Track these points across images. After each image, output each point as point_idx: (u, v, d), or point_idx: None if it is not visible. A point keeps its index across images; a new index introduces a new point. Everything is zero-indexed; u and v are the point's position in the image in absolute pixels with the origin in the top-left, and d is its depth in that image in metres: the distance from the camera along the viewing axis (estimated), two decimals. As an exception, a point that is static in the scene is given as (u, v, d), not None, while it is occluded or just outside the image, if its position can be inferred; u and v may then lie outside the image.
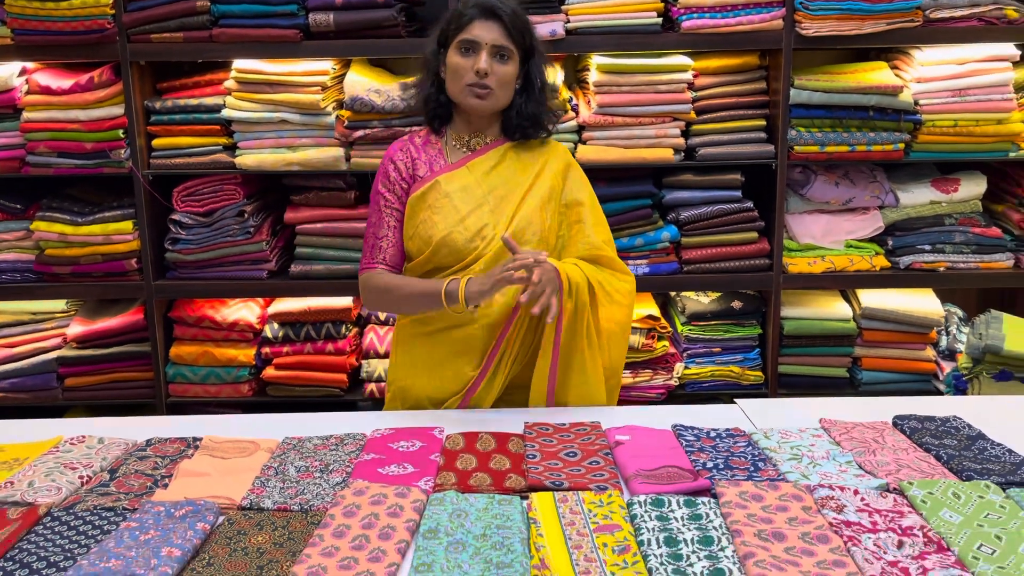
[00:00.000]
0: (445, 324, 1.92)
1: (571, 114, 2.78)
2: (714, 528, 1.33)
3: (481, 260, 1.89)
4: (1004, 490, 1.43)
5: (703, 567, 1.22)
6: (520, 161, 1.96)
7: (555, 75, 2.06)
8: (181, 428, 1.78)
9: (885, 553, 1.26)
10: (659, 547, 1.27)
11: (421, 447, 1.65)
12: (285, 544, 1.31)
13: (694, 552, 1.26)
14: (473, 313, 1.87)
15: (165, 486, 1.53)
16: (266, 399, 2.99)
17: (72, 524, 1.39)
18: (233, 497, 1.47)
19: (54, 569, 1.26)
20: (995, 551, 1.25)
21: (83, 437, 1.72)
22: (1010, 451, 1.60)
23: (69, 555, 1.29)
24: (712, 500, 1.41)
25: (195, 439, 1.71)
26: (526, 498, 1.45)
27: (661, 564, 1.23)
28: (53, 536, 1.35)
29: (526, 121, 1.93)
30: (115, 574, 1.20)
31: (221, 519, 1.39)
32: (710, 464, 1.55)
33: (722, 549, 1.27)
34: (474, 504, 1.41)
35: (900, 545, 1.28)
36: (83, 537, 1.35)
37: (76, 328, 2.94)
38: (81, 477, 1.55)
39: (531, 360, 1.94)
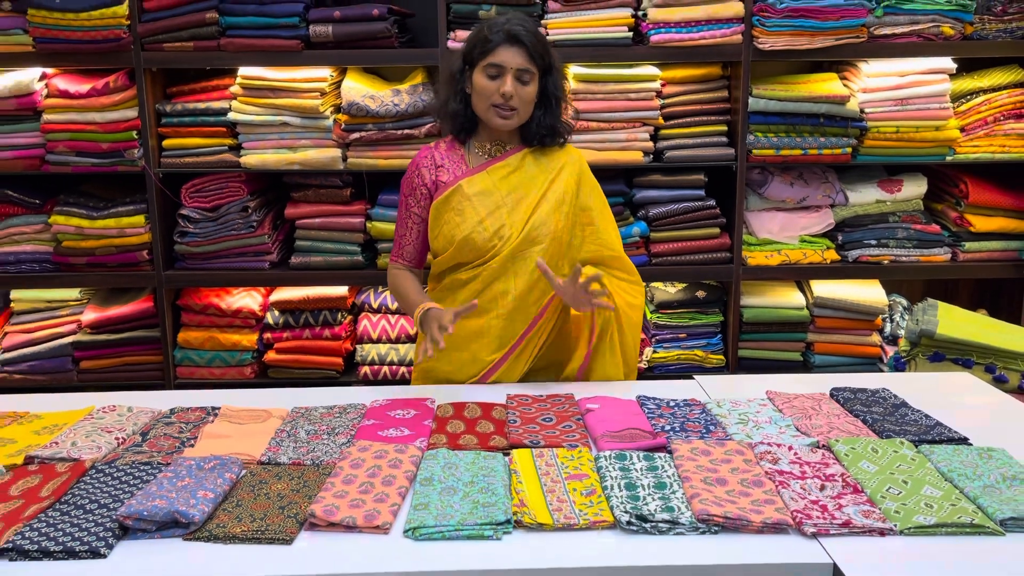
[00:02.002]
0: (463, 308, 2.01)
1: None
2: (668, 476, 1.53)
3: (498, 257, 2.01)
4: (916, 446, 1.63)
5: (656, 505, 1.42)
6: (537, 165, 2.06)
7: (568, 87, 2.13)
8: (194, 401, 1.92)
9: (809, 494, 1.47)
10: (620, 491, 1.47)
11: (415, 414, 1.82)
12: (301, 490, 1.49)
13: (649, 494, 1.46)
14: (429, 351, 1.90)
15: (192, 446, 1.68)
16: (267, 381, 3.12)
17: (115, 475, 1.55)
18: (253, 454, 1.63)
19: (105, 509, 1.43)
20: (901, 492, 1.47)
21: (114, 406, 1.87)
22: (927, 416, 1.80)
23: (116, 499, 1.46)
24: (668, 455, 1.60)
25: (214, 408, 1.86)
26: (508, 454, 1.63)
27: (621, 503, 1.43)
28: (100, 485, 1.52)
29: (544, 131, 2.05)
30: (161, 510, 1.38)
31: (244, 471, 1.56)
32: (668, 427, 1.74)
33: (673, 492, 1.47)
34: (463, 459, 1.59)
35: (822, 488, 1.49)
36: (126, 485, 1.51)
37: (90, 315, 3.07)
38: (117, 439, 1.71)
39: (554, 345, 2.08)
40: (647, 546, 1.35)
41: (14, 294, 3.12)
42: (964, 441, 1.69)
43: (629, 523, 1.39)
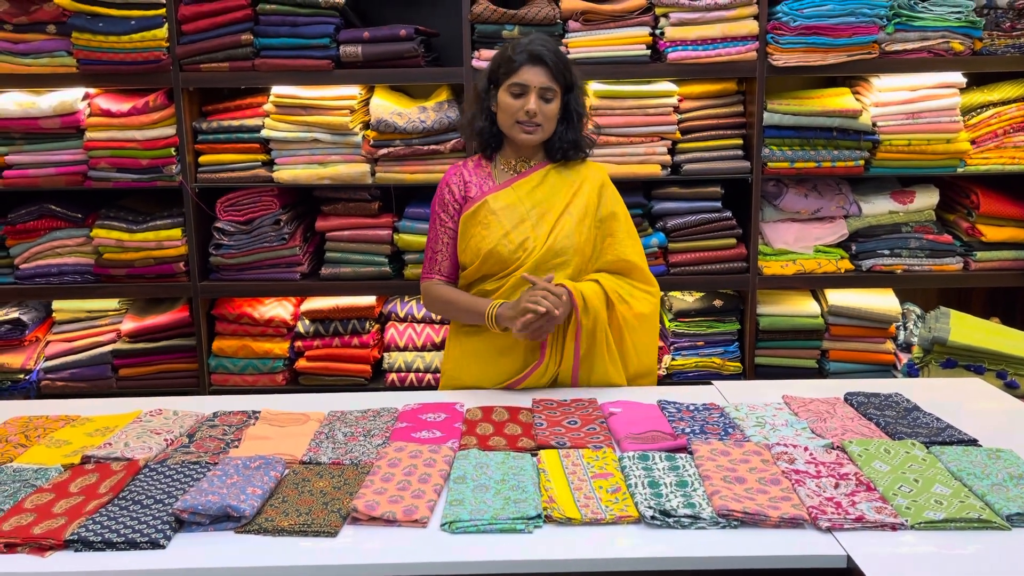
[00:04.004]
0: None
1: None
2: (689, 475, 1.60)
3: (522, 268, 2.08)
4: (927, 447, 1.70)
5: (679, 501, 1.50)
6: (560, 180, 2.14)
7: (589, 103, 2.18)
8: (231, 406, 1.99)
9: (824, 492, 1.53)
10: (644, 488, 1.54)
11: (446, 418, 1.90)
12: (342, 488, 1.57)
13: (672, 492, 1.54)
14: (506, 332, 2.06)
15: (236, 446, 1.77)
16: (298, 388, 3.19)
17: (167, 473, 1.64)
18: (295, 454, 1.72)
19: (160, 504, 1.51)
20: (912, 490, 1.53)
21: (160, 410, 1.97)
22: (938, 419, 1.86)
23: (170, 495, 1.55)
24: (688, 456, 1.67)
25: (254, 411, 1.94)
26: (535, 455, 1.71)
27: (645, 499, 1.50)
28: (153, 482, 1.61)
29: (567, 145, 2.13)
30: (215, 505, 1.46)
31: (287, 470, 1.64)
32: (688, 430, 1.81)
33: (695, 490, 1.54)
34: (493, 459, 1.67)
35: (836, 486, 1.56)
36: (177, 483, 1.60)
37: (128, 324, 3.15)
38: (166, 440, 1.80)
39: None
40: (670, 539, 1.42)
41: (56, 304, 3.22)
42: (973, 443, 1.74)
43: (653, 518, 1.46)
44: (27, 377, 3.16)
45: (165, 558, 1.40)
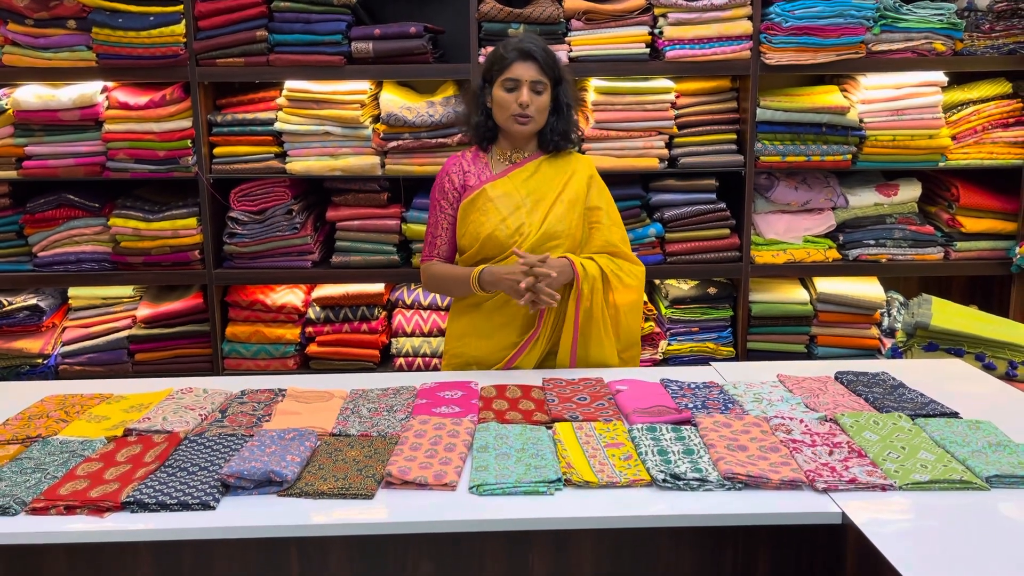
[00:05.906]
0: (490, 299, 2.24)
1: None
2: (695, 444, 1.71)
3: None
4: (913, 419, 1.82)
5: (687, 467, 1.61)
6: (552, 170, 2.27)
7: (579, 96, 2.28)
8: (254, 386, 2.07)
9: (819, 458, 1.65)
10: (654, 456, 1.66)
11: (463, 395, 1.99)
12: (373, 456, 1.67)
13: (680, 459, 1.65)
14: (489, 293, 2.19)
15: (268, 420, 1.85)
16: (309, 372, 3.26)
17: (207, 444, 1.73)
18: (324, 427, 1.81)
19: (205, 471, 1.60)
20: (899, 456, 1.65)
21: (191, 388, 2.05)
22: (921, 395, 1.98)
23: (212, 462, 1.64)
24: (693, 428, 1.78)
25: (280, 390, 2.03)
26: (551, 427, 1.81)
27: (655, 465, 1.62)
28: (195, 452, 1.70)
29: (558, 136, 2.25)
30: (259, 470, 1.56)
31: (319, 441, 1.73)
32: (691, 405, 1.92)
33: (700, 457, 1.66)
34: (511, 430, 1.78)
35: (831, 453, 1.67)
36: (217, 453, 1.68)
37: (144, 311, 3.22)
38: (200, 415, 1.89)
39: (558, 326, 2.24)
40: (681, 500, 1.54)
41: (71, 291, 3.28)
42: (955, 415, 1.87)
43: (664, 481, 1.57)
44: (45, 361, 3.23)
45: (217, 518, 1.49)
